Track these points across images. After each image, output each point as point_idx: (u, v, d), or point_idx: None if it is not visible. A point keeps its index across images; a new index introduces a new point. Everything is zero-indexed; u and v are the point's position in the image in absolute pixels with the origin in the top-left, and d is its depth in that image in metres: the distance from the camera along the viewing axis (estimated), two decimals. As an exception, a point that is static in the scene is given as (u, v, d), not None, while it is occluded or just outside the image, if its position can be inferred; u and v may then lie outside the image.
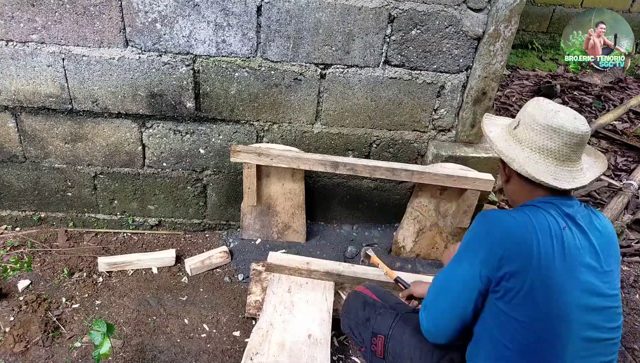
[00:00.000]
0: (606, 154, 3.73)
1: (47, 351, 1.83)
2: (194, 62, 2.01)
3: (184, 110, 2.12)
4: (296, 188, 2.31)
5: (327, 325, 1.82)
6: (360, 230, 2.59)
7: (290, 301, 1.89)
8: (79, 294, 2.09)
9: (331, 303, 1.91)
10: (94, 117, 2.11)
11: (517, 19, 2.03)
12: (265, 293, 1.95)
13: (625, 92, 4.94)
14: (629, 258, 2.64)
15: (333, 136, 2.27)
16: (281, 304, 1.87)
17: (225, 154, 2.26)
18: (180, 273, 2.26)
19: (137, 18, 1.89)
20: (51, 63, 1.96)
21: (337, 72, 2.09)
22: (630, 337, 2.14)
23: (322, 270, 1.97)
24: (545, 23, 5.63)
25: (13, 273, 2.14)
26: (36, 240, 2.33)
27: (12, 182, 2.29)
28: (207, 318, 2.05)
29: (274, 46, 2.00)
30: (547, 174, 1.20)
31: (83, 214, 2.42)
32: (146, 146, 2.22)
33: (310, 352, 1.69)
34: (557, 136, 1.20)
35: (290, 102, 2.15)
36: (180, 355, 1.88)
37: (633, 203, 3.02)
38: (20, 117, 2.09)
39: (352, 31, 1.99)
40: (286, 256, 2.07)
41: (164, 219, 2.48)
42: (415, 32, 2.02)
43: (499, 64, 2.12)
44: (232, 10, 1.90)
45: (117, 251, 2.34)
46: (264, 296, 1.94)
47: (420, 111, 2.23)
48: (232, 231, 2.53)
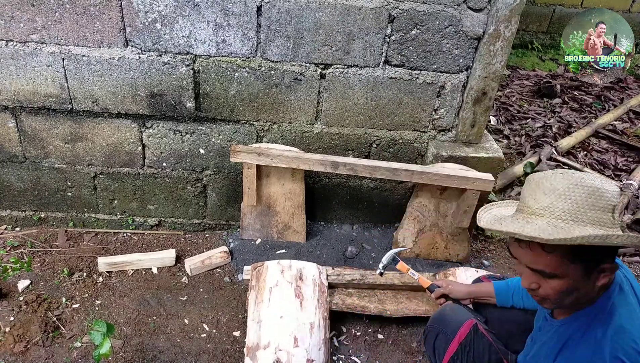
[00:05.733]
0: (606, 154, 3.73)
1: (47, 351, 1.83)
2: (194, 62, 2.01)
3: (184, 110, 2.12)
4: (296, 188, 2.31)
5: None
6: (360, 229, 2.59)
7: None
8: (79, 294, 2.09)
9: None
10: (94, 117, 2.11)
11: (517, 19, 2.03)
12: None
13: (625, 92, 4.94)
14: (629, 258, 2.63)
15: (333, 136, 2.27)
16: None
17: (225, 154, 2.26)
18: (180, 273, 2.26)
19: (137, 18, 1.89)
20: (51, 63, 1.96)
21: (337, 72, 2.09)
22: (630, 337, 2.14)
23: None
24: (545, 23, 5.63)
25: (13, 273, 2.14)
26: (36, 240, 2.33)
27: (12, 182, 2.29)
28: (207, 318, 2.05)
29: (274, 45, 2.00)
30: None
31: (83, 214, 2.42)
32: (146, 146, 2.22)
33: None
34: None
35: (290, 102, 2.15)
36: (180, 355, 1.88)
37: (633, 203, 3.02)
38: (20, 117, 2.09)
39: (352, 31, 1.99)
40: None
41: (164, 219, 2.48)
42: (415, 32, 2.02)
43: (499, 64, 2.12)
44: (232, 10, 1.90)
45: (117, 251, 2.34)
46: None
47: (420, 111, 2.23)
48: (232, 231, 2.53)
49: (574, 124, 4.11)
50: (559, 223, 1.03)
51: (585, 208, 1.02)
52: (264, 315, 1.81)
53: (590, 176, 1.05)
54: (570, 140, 3.71)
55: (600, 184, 1.03)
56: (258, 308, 1.84)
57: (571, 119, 4.23)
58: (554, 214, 1.04)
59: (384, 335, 2.03)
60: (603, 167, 3.55)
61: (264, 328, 1.77)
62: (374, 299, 2.04)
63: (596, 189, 1.02)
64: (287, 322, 1.77)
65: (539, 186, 1.08)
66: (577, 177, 1.05)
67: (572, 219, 1.03)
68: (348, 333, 2.03)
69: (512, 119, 4.15)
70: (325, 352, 1.79)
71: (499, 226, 1.12)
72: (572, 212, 1.03)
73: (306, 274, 1.99)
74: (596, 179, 1.04)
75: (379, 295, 2.07)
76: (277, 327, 1.76)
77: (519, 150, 3.67)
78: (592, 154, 3.71)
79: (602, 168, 3.54)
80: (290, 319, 1.78)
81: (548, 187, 1.06)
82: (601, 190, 1.02)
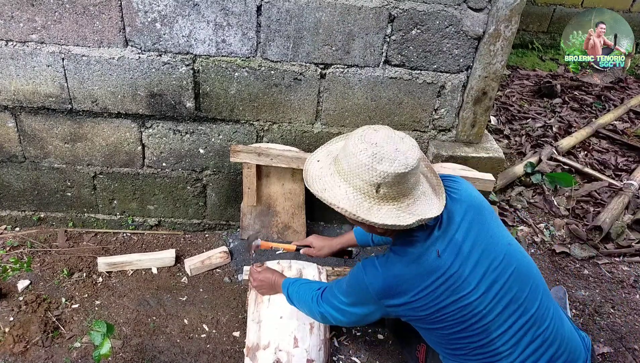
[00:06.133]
0: (607, 154, 3.73)
1: (46, 351, 1.83)
2: (193, 62, 2.01)
3: (183, 110, 2.12)
4: (296, 188, 2.30)
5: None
6: (360, 230, 2.59)
7: None
8: (79, 294, 2.09)
9: None
10: (94, 117, 2.11)
11: (518, 18, 2.03)
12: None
13: (626, 92, 4.93)
14: (629, 258, 2.63)
15: (333, 136, 2.27)
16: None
17: (225, 154, 2.26)
18: (180, 273, 2.26)
19: (137, 18, 1.89)
20: (51, 63, 1.96)
21: (337, 72, 2.09)
22: (630, 337, 2.14)
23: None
24: (545, 23, 5.63)
25: (13, 273, 2.14)
26: (36, 240, 2.33)
27: (11, 182, 2.29)
28: (206, 319, 2.04)
29: (274, 45, 2.00)
30: (414, 218, 1.23)
31: (83, 214, 2.42)
32: (146, 146, 2.22)
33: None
34: (405, 178, 1.23)
35: (290, 102, 2.15)
36: (180, 356, 1.87)
37: (633, 203, 3.02)
38: (19, 117, 2.09)
39: (352, 31, 1.99)
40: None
41: (163, 220, 2.48)
42: (416, 31, 2.01)
43: (500, 64, 2.12)
44: (232, 10, 1.90)
45: (116, 251, 2.34)
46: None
47: (421, 110, 2.23)
48: (232, 231, 2.53)
49: (575, 124, 4.10)
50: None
51: (353, 175, 1.25)
52: (264, 315, 1.80)
53: (376, 150, 1.22)
54: (571, 140, 3.70)
55: (374, 161, 1.21)
56: (258, 308, 1.84)
57: (571, 119, 4.23)
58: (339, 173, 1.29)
59: (384, 335, 2.03)
60: (603, 167, 3.54)
61: (263, 328, 1.77)
62: (374, 299, 2.04)
63: (365, 164, 1.21)
64: (287, 322, 1.77)
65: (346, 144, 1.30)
66: (367, 145, 1.23)
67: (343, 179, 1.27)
68: (348, 333, 2.03)
69: (513, 119, 4.15)
70: (325, 352, 1.79)
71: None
72: (343, 174, 1.27)
73: (306, 274, 1.98)
74: (376, 156, 1.21)
75: (379, 295, 2.07)
76: (277, 327, 1.76)
77: (519, 150, 3.66)
78: (593, 154, 3.71)
79: (602, 167, 3.53)
80: (290, 319, 1.78)
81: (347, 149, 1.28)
82: (370, 166, 1.21)
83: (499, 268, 1.30)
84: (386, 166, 1.20)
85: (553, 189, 3.16)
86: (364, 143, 1.24)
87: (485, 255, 1.30)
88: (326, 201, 1.26)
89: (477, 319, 1.29)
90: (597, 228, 2.73)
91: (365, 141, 1.24)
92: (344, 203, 1.24)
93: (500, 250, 1.33)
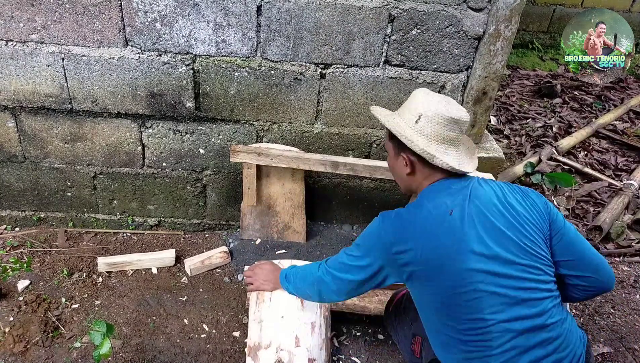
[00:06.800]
0: (607, 154, 3.73)
1: (46, 351, 1.83)
2: (193, 62, 2.01)
3: (183, 110, 2.12)
4: (296, 188, 2.30)
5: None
6: (360, 229, 2.58)
7: None
8: (79, 294, 2.09)
9: None
10: (94, 117, 2.11)
11: (518, 18, 2.03)
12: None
13: (626, 92, 4.94)
14: (629, 258, 2.63)
15: (333, 136, 2.27)
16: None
17: (225, 154, 2.26)
18: (180, 273, 2.26)
19: (137, 18, 1.89)
20: (51, 63, 1.96)
21: (337, 72, 2.09)
22: (630, 337, 2.14)
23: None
24: (545, 23, 5.63)
25: (13, 273, 2.14)
26: (36, 240, 2.33)
27: (11, 182, 2.29)
28: (206, 319, 2.04)
29: (274, 45, 2.00)
30: (456, 162, 1.36)
31: (83, 214, 2.42)
32: (146, 146, 2.22)
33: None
34: (457, 126, 1.36)
35: (290, 102, 2.15)
36: (180, 356, 1.87)
37: (633, 203, 3.02)
38: (19, 117, 2.09)
39: (352, 31, 1.99)
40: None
41: (163, 220, 2.48)
42: (416, 31, 2.02)
43: (500, 64, 2.12)
44: (232, 9, 1.90)
45: (116, 251, 2.34)
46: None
47: (421, 110, 2.22)
48: (232, 231, 2.53)
49: (575, 124, 4.11)
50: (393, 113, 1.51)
51: (404, 109, 1.45)
52: (265, 315, 1.80)
53: (432, 100, 1.39)
54: (571, 140, 3.70)
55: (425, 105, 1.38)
56: (259, 307, 1.84)
57: (571, 119, 4.23)
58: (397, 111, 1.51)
59: (384, 335, 2.03)
60: (603, 167, 3.55)
61: (265, 327, 1.77)
62: (374, 299, 2.04)
63: (415, 104, 1.41)
64: (288, 322, 1.77)
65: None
66: (422, 95, 1.44)
67: (398, 113, 1.48)
68: (348, 333, 2.03)
69: (513, 119, 4.15)
70: (327, 351, 1.79)
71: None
72: (400, 111, 1.48)
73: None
74: (431, 103, 1.39)
75: (379, 295, 2.06)
76: (279, 327, 1.76)
77: (519, 150, 3.67)
78: (593, 154, 3.71)
79: (602, 167, 3.53)
80: (292, 318, 1.78)
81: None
82: (415, 106, 1.41)
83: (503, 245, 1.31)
84: (454, 111, 1.36)
85: (553, 189, 3.16)
86: (437, 98, 1.40)
87: (496, 235, 1.31)
88: (393, 129, 1.42)
89: (471, 288, 1.27)
90: (597, 228, 2.73)
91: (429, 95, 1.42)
92: (417, 140, 1.36)
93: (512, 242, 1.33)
